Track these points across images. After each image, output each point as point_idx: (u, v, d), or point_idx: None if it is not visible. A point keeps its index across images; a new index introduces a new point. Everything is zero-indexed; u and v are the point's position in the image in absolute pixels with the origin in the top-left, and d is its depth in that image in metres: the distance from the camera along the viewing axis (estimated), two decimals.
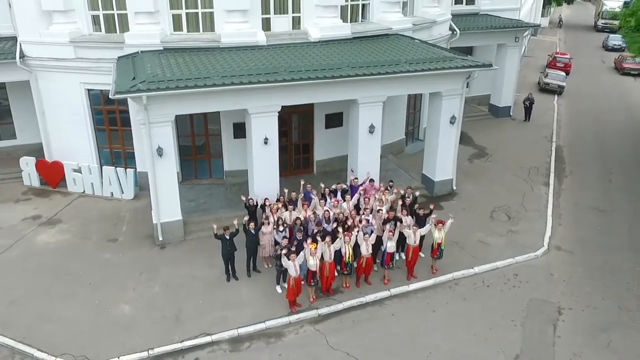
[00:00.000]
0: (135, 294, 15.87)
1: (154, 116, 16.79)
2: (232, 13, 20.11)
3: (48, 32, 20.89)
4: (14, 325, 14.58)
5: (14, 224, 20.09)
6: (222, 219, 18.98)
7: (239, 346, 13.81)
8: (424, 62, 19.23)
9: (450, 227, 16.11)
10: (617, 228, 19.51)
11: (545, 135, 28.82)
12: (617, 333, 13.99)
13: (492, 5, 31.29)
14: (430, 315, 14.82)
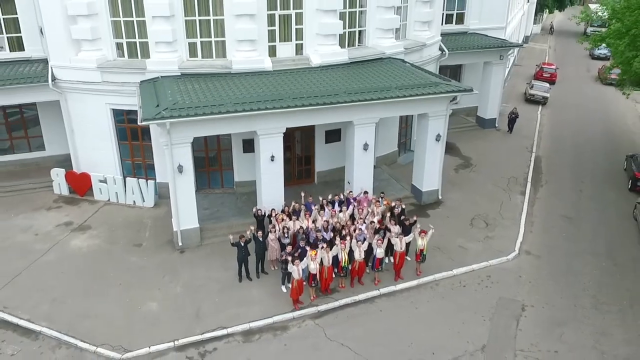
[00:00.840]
0: (160, 294, 18.20)
1: (175, 138, 19.11)
2: (242, 42, 22.36)
3: (77, 58, 23.15)
4: (58, 320, 16.91)
5: (49, 230, 22.42)
6: (233, 225, 21.44)
7: (250, 338, 16.17)
8: (412, 87, 21.50)
9: (431, 235, 18.40)
10: (581, 234, 21.81)
11: (527, 146, 31.10)
12: (570, 327, 16.33)
13: (479, 24, 33.43)
14: (413, 311, 17.18)
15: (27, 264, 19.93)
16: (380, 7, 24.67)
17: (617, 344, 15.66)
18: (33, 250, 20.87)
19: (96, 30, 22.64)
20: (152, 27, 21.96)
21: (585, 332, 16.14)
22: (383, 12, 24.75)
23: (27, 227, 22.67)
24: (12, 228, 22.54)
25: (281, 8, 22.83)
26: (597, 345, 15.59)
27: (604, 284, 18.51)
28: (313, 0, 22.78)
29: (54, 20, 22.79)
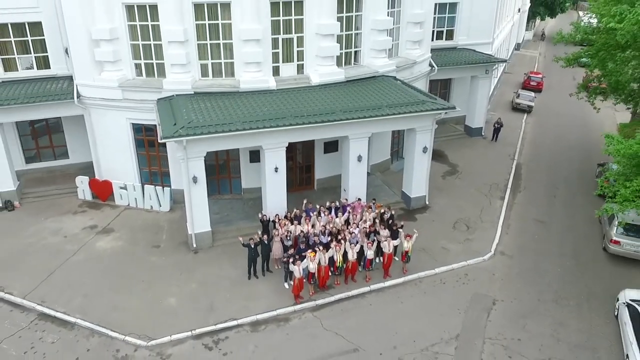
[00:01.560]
0: (178, 290, 20.59)
1: (191, 153, 21.48)
2: (249, 64, 24.66)
3: (100, 77, 25.46)
4: (90, 313, 19.29)
5: (76, 233, 24.82)
6: (242, 229, 23.85)
7: (257, 328, 18.57)
8: (401, 105, 23.79)
9: (415, 239, 20.74)
10: (551, 236, 24.12)
11: (509, 154, 33.39)
12: (533, 319, 18.68)
13: (468, 40, 35.68)
14: (399, 305, 19.56)
15: (59, 263, 22.32)
16: (374, 30, 26.90)
17: (572, 332, 18.03)
18: (64, 250, 23.26)
19: (117, 53, 24.93)
20: (168, 50, 24.28)
21: (546, 323, 18.49)
22: (376, 34, 26.98)
23: (56, 229, 25.04)
24: (43, 231, 24.92)
25: (284, 32, 25.11)
26: (555, 333, 17.96)
27: (566, 281, 20.84)
28: (312, 26, 25.01)
29: (79, 43, 25.10)
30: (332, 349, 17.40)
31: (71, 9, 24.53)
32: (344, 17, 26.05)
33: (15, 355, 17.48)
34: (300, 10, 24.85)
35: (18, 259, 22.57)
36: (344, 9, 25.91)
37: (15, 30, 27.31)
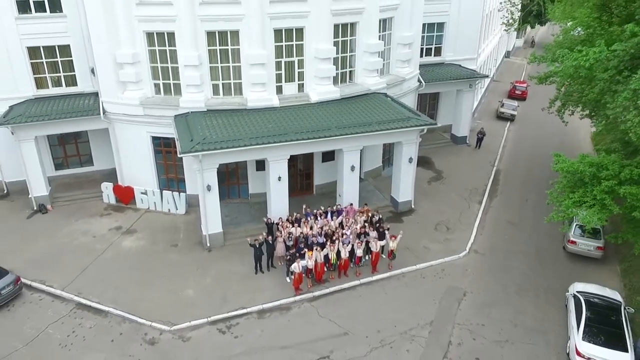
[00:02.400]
0: (195, 283, 23.70)
1: (205, 165, 24.55)
2: (256, 84, 27.69)
3: (123, 96, 28.52)
4: (121, 303, 22.42)
5: (103, 233, 27.97)
6: (249, 230, 26.96)
7: (263, 315, 21.69)
8: (389, 122, 26.83)
9: (400, 240, 23.82)
10: (519, 237, 27.13)
11: (490, 161, 36.38)
12: (496, 307, 21.75)
13: (454, 56, 38.64)
14: (384, 296, 22.65)
15: (90, 260, 25.48)
16: (366, 52, 29.88)
17: (528, 319, 21.08)
18: (94, 249, 26.41)
19: (139, 74, 28.00)
20: (184, 73, 27.35)
21: (507, 311, 21.56)
22: (368, 56, 29.97)
23: (86, 230, 28.21)
24: (74, 232, 28.09)
25: (286, 56, 28.11)
26: (513, 320, 21.02)
27: (528, 276, 23.87)
28: (311, 50, 28.02)
29: (105, 66, 28.17)
30: (327, 333, 20.51)
31: (98, 36, 27.55)
32: (340, 42, 29.00)
33: (60, 338, 20.62)
34: (300, 37, 27.84)
35: (55, 256, 25.69)
36: (339, 34, 28.85)
37: (47, 52, 30.43)
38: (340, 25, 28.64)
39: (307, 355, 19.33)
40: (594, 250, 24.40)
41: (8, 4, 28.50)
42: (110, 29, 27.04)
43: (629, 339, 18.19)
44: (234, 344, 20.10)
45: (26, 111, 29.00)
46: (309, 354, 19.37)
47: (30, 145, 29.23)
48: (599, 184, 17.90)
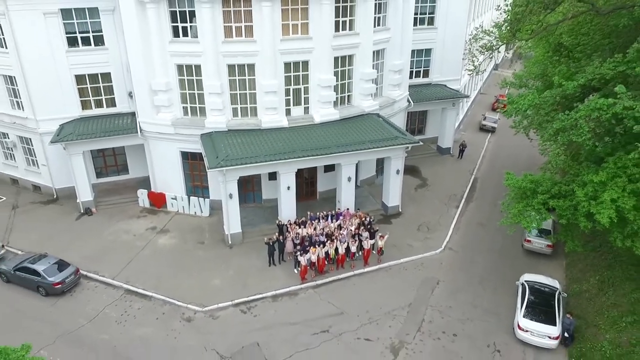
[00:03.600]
0: (220, 274, 28.81)
1: (228, 177, 29.64)
2: (268, 109, 32.76)
3: (157, 117, 33.65)
4: (161, 289, 27.53)
5: (142, 232, 33.15)
6: (263, 230, 32.04)
7: (277, 299, 26.82)
8: (380, 140, 31.84)
9: (387, 239, 28.90)
10: (486, 236, 32.04)
11: (469, 170, 41.36)
12: (462, 293, 26.77)
13: (440, 77, 43.58)
14: (373, 285, 27.73)
15: (133, 255, 30.64)
16: (362, 80, 34.91)
17: (486, 302, 26.07)
18: (135, 246, 31.58)
19: (170, 100, 33.13)
20: (208, 99, 32.44)
21: (470, 296, 26.59)
22: (364, 83, 34.98)
23: (127, 230, 33.40)
24: (117, 231, 33.28)
25: (294, 84, 33.12)
26: (474, 303, 26.06)
27: (490, 269, 28.84)
28: (315, 79, 33.03)
29: (142, 92, 33.27)
30: (326, 313, 25.61)
31: (137, 68, 32.68)
32: (339, 71, 34.03)
33: (115, 317, 25.81)
34: (306, 68, 32.87)
35: (103, 252, 30.86)
36: (339, 65, 33.87)
37: (91, 79, 35.61)
38: (340, 57, 33.63)
39: (311, 329, 24.44)
40: (545, 248, 29.39)
41: (60, 39, 33.63)
42: (147, 61, 32.13)
43: (558, 316, 23.19)
44: (254, 321, 25.22)
45: (75, 130, 34.19)
46: (312, 329, 24.48)
47: (79, 158, 34.45)
48: (536, 197, 22.88)
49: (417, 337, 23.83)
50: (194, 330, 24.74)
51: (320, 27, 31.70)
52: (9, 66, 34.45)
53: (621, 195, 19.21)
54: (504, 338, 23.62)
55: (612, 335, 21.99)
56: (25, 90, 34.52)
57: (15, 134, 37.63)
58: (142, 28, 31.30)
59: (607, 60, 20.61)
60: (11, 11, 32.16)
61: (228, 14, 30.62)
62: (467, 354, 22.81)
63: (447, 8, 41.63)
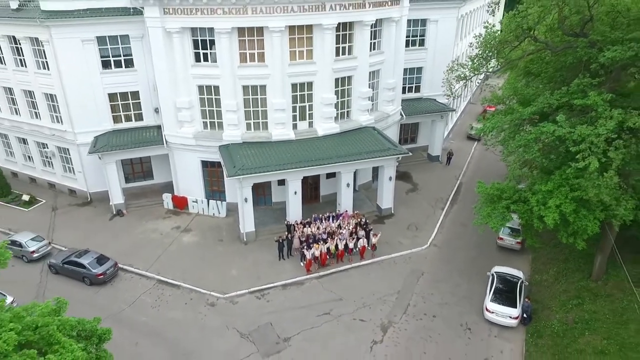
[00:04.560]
0: (237, 266, 33.40)
1: (244, 184, 34.21)
2: (278, 124, 37.40)
3: (181, 131, 38.28)
4: (188, 279, 32.11)
5: (168, 231, 37.81)
6: (273, 229, 36.64)
7: (286, 287, 31.37)
8: (374, 152, 36.40)
9: (380, 237, 33.50)
10: (466, 235, 36.47)
11: (456, 175, 45.91)
12: (442, 283, 31.28)
13: (430, 92, 48.02)
14: (367, 275, 32.29)
15: (162, 251, 35.28)
16: (359, 97, 39.51)
17: (462, 290, 30.60)
18: (162, 243, 36.23)
19: (192, 116, 37.77)
20: (226, 115, 37.06)
21: (449, 285, 31.12)
22: (361, 100, 39.55)
23: (154, 229, 38.06)
24: (146, 230, 37.95)
25: (300, 102, 37.69)
26: (452, 291, 30.59)
27: (468, 262, 33.36)
28: (318, 98, 37.59)
29: (167, 109, 37.87)
30: (328, 298, 30.18)
31: (163, 88, 37.25)
32: (339, 90, 38.60)
33: (150, 302, 30.43)
34: (310, 88, 37.47)
35: (136, 248, 35.49)
36: (339, 85, 38.41)
37: (122, 97, 40.16)
38: (340, 78, 38.17)
39: (315, 312, 29.04)
40: (515, 245, 33.94)
41: (95, 62, 38.23)
42: (172, 82, 36.73)
43: (519, 300, 27.73)
44: (267, 306, 29.84)
45: (109, 142, 38.85)
46: (316, 311, 29.07)
47: (112, 166, 39.14)
48: (500, 202, 27.42)
49: (402, 318, 28.41)
50: (217, 313, 29.35)
51: (322, 53, 36.23)
52: (50, 86, 39.10)
53: (564, 202, 23.74)
54: (475, 319, 28.18)
55: (561, 315, 26.58)
56: (65, 106, 39.13)
57: (54, 145, 42.35)
58: (168, 54, 35.86)
59: (554, 92, 25.16)
60: (54, 39, 36.72)
61: (243, 42, 35.20)
62: (443, 332, 27.38)
63: (436, 31, 46.10)
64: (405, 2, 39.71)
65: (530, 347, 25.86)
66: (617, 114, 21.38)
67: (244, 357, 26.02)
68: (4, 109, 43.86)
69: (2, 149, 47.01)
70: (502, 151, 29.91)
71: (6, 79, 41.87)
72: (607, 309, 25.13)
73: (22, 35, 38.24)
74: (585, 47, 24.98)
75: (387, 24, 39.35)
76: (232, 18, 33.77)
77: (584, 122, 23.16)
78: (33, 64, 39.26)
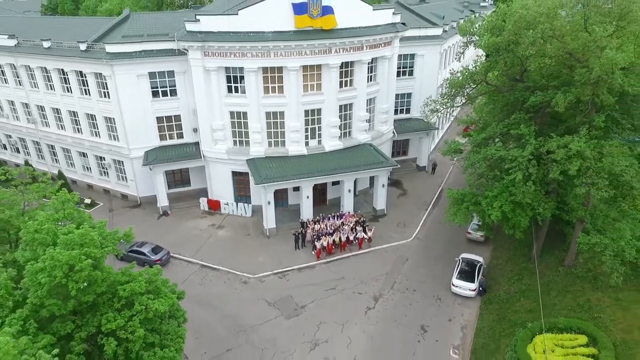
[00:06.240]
0: (263, 255, 41.98)
1: (267, 190, 42.96)
2: (293, 142, 46.23)
3: (215, 147, 47.07)
4: (225, 264, 40.76)
5: (205, 228, 46.53)
6: (290, 225, 45.31)
7: (301, 270, 39.93)
8: (370, 164, 45.11)
9: (374, 232, 42.18)
10: (443, 230, 44.72)
11: (438, 182, 54.49)
12: (423, 267, 39.78)
13: (418, 113, 56.53)
14: (364, 261, 40.81)
15: (202, 243, 44.00)
16: (358, 120, 48.27)
17: (437, 271, 39.04)
18: (201, 237, 44.94)
19: (225, 135, 46.54)
20: (252, 135, 45.83)
21: (427, 269, 39.63)
22: (360, 122, 48.24)
23: (194, 227, 46.80)
24: (188, 227, 46.66)
25: (311, 125, 46.48)
26: (429, 273, 39.06)
27: (442, 251, 41.85)
28: (326, 121, 46.26)
29: (205, 129, 46.63)
30: (333, 278, 38.68)
31: (202, 113, 46.00)
32: (342, 114, 47.33)
33: (198, 280, 39.10)
34: (319, 113, 46.14)
35: (181, 241, 44.15)
36: (342, 110, 47.13)
37: (167, 119, 48.97)
38: (343, 105, 46.83)
39: (324, 287, 37.52)
40: (479, 237, 42.52)
41: (147, 92, 47.01)
42: (209, 109, 45.44)
43: (477, 277, 36.28)
44: (287, 284, 38.48)
45: (157, 156, 47.72)
46: (324, 287, 37.58)
47: (160, 176, 48.01)
48: (462, 204, 36.03)
49: (390, 292, 37.03)
50: (249, 289, 38.03)
51: (329, 86, 44.99)
52: (110, 110, 47.97)
53: (504, 203, 32.37)
54: (444, 292, 36.75)
55: (506, 288, 35.21)
56: (122, 127, 47.97)
57: (110, 158, 51.23)
58: (206, 86, 44.61)
59: (499, 123, 33.87)
60: (116, 74, 45.57)
61: (266, 77, 43.97)
62: (420, 301, 35.95)
63: (422, 63, 54.84)
64: (395, 43, 48.44)
65: (483, 311, 34.44)
66: (535, 141, 29.97)
67: (272, 318, 34.65)
68: (68, 128, 52.76)
69: (65, 160, 55.95)
70: (462, 165, 38.33)
71: (71, 104, 50.83)
72: (537, 282, 33.70)
73: (89, 70, 47.10)
74: (522, 90, 33.67)
75: (381, 61, 48.04)
76: (258, 60, 42.53)
77: (519, 146, 31.86)
78: (96, 93, 48.08)
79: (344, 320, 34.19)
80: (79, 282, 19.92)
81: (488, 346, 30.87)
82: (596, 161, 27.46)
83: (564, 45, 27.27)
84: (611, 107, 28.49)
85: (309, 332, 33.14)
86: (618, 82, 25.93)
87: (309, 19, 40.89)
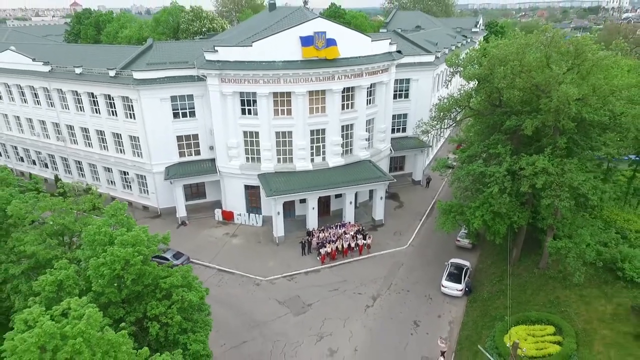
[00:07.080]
0: (273, 260, 46.41)
1: (277, 202, 47.66)
2: (300, 158, 50.93)
3: (230, 163, 51.76)
4: (239, 268, 45.21)
5: (220, 237, 51.06)
6: (297, 234, 49.95)
7: (308, 273, 44.34)
8: (369, 179, 49.71)
9: (372, 239, 46.69)
10: (435, 238, 49.28)
11: (432, 195, 59.04)
12: (416, 270, 44.19)
13: (413, 132, 61.54)
14: (364, 266, 45.20)
15: (218, 249, 48.51)
16: (359, 139, 52.99)
17: (429, 274, 43.39)
18: (217, 245, 49.46)
19: (238, 152, 51.24)
20: (263, 152, 50.54)
21: (420, 272, 44.02)
22: (360, 140, 52.92)
23: (210, 235, 51.38)
24: (205, 235, 51.22)
25: (316, 143, 51.23)
26: (422, 275, 43.44)
27: (434, 256, 46.26)
28: (329, 140, 50.98)
29: (220, 147, 51.36)
30: (336, 280, 43.09)
31: (218, 132, 50.73)
32: (344, 134, 52.08)
33: (215, 282, 43.55)
34: (323, 133, 50.84)
35: (199, 248, 48.63)
36: (344, 130, 51.85)
37: (185, 138, 53.73)
38: (344, 125, 51.55)
39: (328, 288, 41.86)
40: (467, 244, 46.98)
41: (169, 114, 51.86)
42: (224, 129, 50.19)
43: (463, 279, 40.69)
44: (296, 286, 42.89)
45: (177, 171, 52.45)
46: (328, 288, 41.94)
47: (179, 189, 52.71)
48: (450, 214, 40.55)
49: (387, 292, 41.45)
50: (261, 290, 42.45)
51: (332, 108, 49.77)
52: (135, 130, 52.80)
53: (485, 213, 36.93)
54: (434, 292, 41.15)
55: (489, 288, 39.65)
56: (146, 145, 52.75)
57: (133, 172, 55.98)
58: (222, 109, 49.37)
59: (480, 143, 38.54)
60: (142, 98, 50.45)
61: (276, 101, 48.77)
62: (413, 300, 40.34)
63: (417, 86, 59.73)
64: (392, 70, 53.35)
65: (468, 308, 38.83)
66: (510, 159, 34.57)
67: (282, 315, 39.07)
68: (95, 145, 57.63)
69: (91, 175, 60.76)
70: (449, 179, 42.91)
71: (99, 124, 55.72)
72: (515, 283, 38.13)
73: (117, 94, 52.04)
74: (500, 115, 38.41)
75: (379, 86, 52.88)
76: (269, 85, 47.37)
77: (497, 163, 36.53)
78: (123, 114, 52.94)
79: (346, 316, 38.51)
80: (132, 274, 24.52)
81: (471, 337, 35.23)
82: (559, 176, 32.02)
83: (530, 78, 32.03)
84: (572, 130, 33.15)
85: (315, 327, 37.46)
86: (573, 110, 30.63)
87: (314, 50, 45.75)
